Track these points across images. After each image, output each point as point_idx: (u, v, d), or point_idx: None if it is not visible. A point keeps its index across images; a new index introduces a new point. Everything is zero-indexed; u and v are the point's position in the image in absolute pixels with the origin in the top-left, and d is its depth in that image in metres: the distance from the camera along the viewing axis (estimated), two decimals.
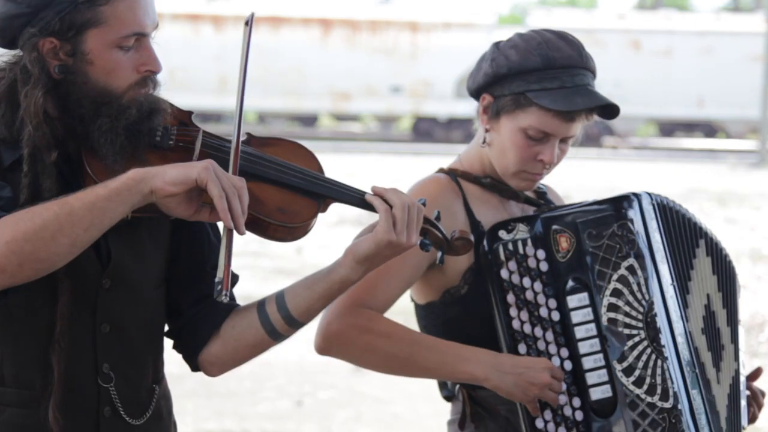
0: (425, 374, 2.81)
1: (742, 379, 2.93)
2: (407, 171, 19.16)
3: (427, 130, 30.47)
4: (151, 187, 2.21)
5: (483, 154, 2.85)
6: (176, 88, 26.23)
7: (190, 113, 2.43)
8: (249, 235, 2.50)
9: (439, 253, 2.47)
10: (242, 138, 2.39)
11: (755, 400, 3.00)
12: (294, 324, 2.42)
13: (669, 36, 30.55)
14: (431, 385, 3.00)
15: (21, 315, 2.34)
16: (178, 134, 2.37)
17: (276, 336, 2.44)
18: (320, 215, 2.42)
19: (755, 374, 3.03)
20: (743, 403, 2.92)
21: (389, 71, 29.95)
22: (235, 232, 2.23)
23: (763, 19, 28.71)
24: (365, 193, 2.41)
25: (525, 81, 2.75)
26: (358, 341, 2.70)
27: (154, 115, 2.35)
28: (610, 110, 2.80)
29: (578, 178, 16.58)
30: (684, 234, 2.85)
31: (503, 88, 2.78)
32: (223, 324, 2.46)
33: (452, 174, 2.86)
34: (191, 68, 27.20)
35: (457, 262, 2.75)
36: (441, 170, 2.89)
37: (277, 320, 2.42)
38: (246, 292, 2.63)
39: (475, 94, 2.85)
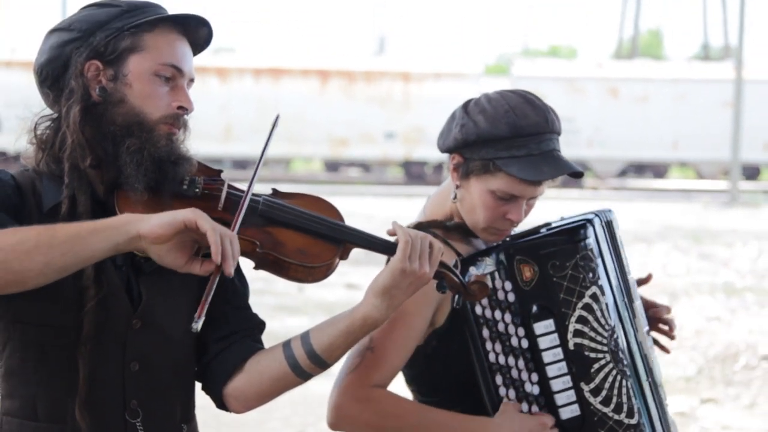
0: None
1: (649, 341, 2.91)
2: (401, 211, 19.16)
3: (419, 173, 30.55)
4: (138, 230, 2.17)
5: (452, 206, 2.83)
6: None
7: (219, 171, 2.45)
8: (253, 274, 2.49)
9: (456, 297, 2.47)
10: (267, 193, 2.42)
11: (669, 332, 3.04)
12: (317, 360, 2.38)
13: (645, 83, 30.68)
14: None
15: (54, 352, 2.34)
16: (204, 184, 2.38)
17: (299, 372, 2.39)
18: (341, 262, 2.42)
19: (646, 280, 3.06)
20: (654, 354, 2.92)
21: (383, 119, 30.06)
22: (222, 274, 2.19)
23: (732, 67, 28.85)
24: (381, 238, 2.41)
25: (493, 148, 2.72)
26: (368, 422, 2.67)
27: (182, 163, 2.36)
28: (576, 171, 2.79)
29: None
30: (616, 238, 2.85)
31: (472, 153, 2.75)
32: (248, 360, 2.44)
33: (422, 228, 2.82)
34: (198, 117, 27.12)
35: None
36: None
37: (301, 355, 2.38)
38: None
39: (446, 152, 2.83)
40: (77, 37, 2.37)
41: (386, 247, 2.39)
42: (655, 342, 3.03)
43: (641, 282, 3.05)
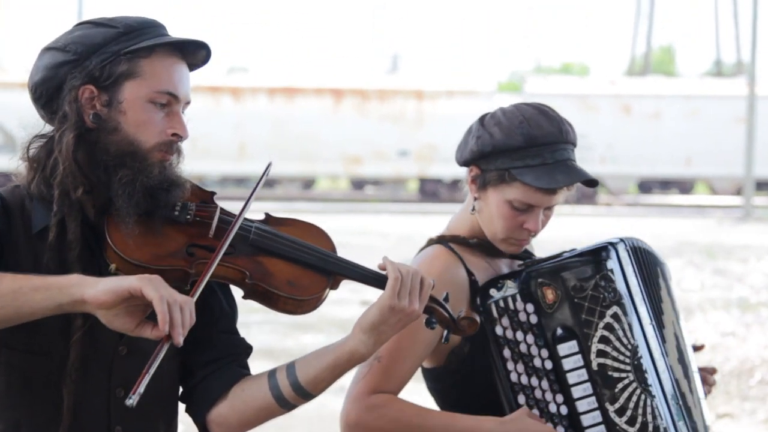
0: None
1: (697, 378, 2.91)
2: (416, 229, 19.15)
3: (433, 190, 30.55)
4: (83, 294, 2.10)
5: (473, 219, 2.85)
6: (199, 156, 26.32)
7: (212, 193, 2.41)
8: None
9: (445, 332, 2.45)
10: (260, 218, 2.40)
11: (707, 382, 3.01)
12: (301, 392, 2.36)
13: (657, 100, 30.66)
14: None
15: (39, 379, 2.31)
16: (196, 210, 2.35)
17: (283, 403, 2.37)
18: (332, 292, 2.40)
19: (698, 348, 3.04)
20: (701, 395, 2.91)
21: (397, 137, 30.07)
22: (171, 342, 2.12)
23: (745, 83, 28.79)
24: (372, 270, 2.39)
25: (509, 158, 2.75)
26: (374, 426, 2.70)
27: (174, 188, 2.32)
28: (591, 180, 2.81)
29: (576, 233, 16.59)
30: (652, 270, 2.85)
31: (489, 164, 2.78)
32: (233, 387, 2.41)
33: (443, 242, 2.85)
34: (212, 136, 27.31)
35: None
36: (432, 241, 2.87)
37: (285, 386, 2.36)
38: (266, 346, 2.61)
39: (463, 165, 2.85)
40: (72, 60, 2.31)
41: (377, 281, 2.37)
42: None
43: (696, 349, 3.02)
